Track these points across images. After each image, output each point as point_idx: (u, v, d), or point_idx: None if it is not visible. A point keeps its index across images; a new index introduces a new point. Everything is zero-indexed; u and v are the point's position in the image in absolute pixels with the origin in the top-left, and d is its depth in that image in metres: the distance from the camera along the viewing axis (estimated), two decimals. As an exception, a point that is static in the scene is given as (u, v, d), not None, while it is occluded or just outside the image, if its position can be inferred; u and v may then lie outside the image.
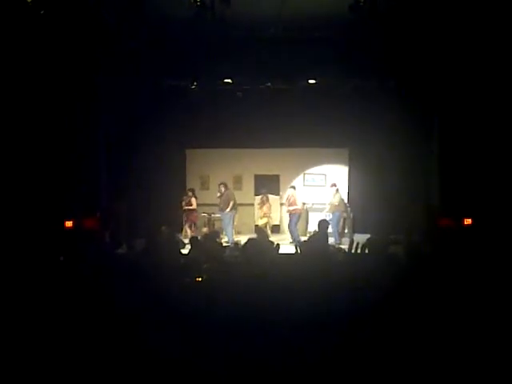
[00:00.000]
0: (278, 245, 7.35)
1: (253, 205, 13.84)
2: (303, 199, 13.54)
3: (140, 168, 12.49)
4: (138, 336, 3.75)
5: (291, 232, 12.42)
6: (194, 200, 12.66)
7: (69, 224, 10.01)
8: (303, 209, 13.13)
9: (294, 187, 12.95)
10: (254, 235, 9.66)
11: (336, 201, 12.52)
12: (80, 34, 9.57)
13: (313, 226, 13.21)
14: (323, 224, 8.97)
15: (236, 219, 12.60)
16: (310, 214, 13.72)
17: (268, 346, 3.60)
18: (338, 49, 10.66)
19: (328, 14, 9.45)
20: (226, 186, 12.39)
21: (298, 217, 12.59)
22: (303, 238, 10.59)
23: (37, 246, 8.03)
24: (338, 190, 12.70)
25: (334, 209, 12.52)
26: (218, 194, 12.31)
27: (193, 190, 12.90)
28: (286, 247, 10.70)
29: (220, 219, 12.70)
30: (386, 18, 9.44)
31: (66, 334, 3.80)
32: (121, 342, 3.70)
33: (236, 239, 11.27)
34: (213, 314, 3.91)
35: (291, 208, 12.55)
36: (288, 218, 12.79)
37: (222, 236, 11.59)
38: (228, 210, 12.16)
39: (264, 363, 3.49)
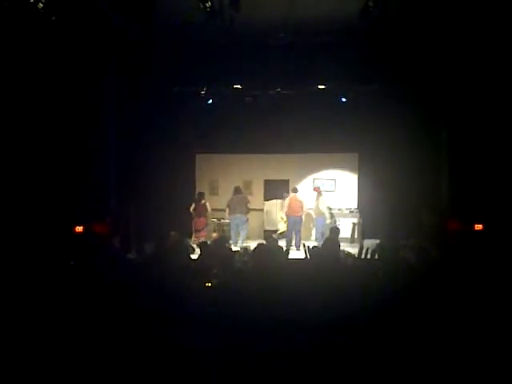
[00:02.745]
0: (287, 250, 7.35)
1: (262, 210, 13.80)
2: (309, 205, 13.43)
3: (150, 173, 12.51)
4: (147, 340, 3.75)
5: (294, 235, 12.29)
6: (208, 205, 12.61)
7: (79, 229, 10.07)
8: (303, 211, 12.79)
9: (295, 190, 12.57)
10: (262, 240, 9.63)
11: (315, 206, 12.35)
12: (91, 39, 9.65)
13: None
14: (334, 231, 9.06)
15: (247, 225, 12.49)
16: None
17: (279, 350, 3.59)
18: (347, 53, 10.66)
19: (338, 19, 9.47)
20: (235, 191, 12.39)
21: (300, 220, 12.39)
22: (307, 243, 10.42)
23: (47, 250, 8.06)
24: (320, 194, 12.52)
25: (317, 213, 12.35)
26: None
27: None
28: (295, 253, 10.67)
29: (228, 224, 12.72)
30: (396, 23, 9.45)
31: (76, 337, 3.81)
32: (129, 346, 3.70)
33: (245, 244, 11.24)
34: (222, 319, 3.91)
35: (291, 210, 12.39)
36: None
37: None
38: (227, 214, 12.30)
39: (275, 366, 3.49)
